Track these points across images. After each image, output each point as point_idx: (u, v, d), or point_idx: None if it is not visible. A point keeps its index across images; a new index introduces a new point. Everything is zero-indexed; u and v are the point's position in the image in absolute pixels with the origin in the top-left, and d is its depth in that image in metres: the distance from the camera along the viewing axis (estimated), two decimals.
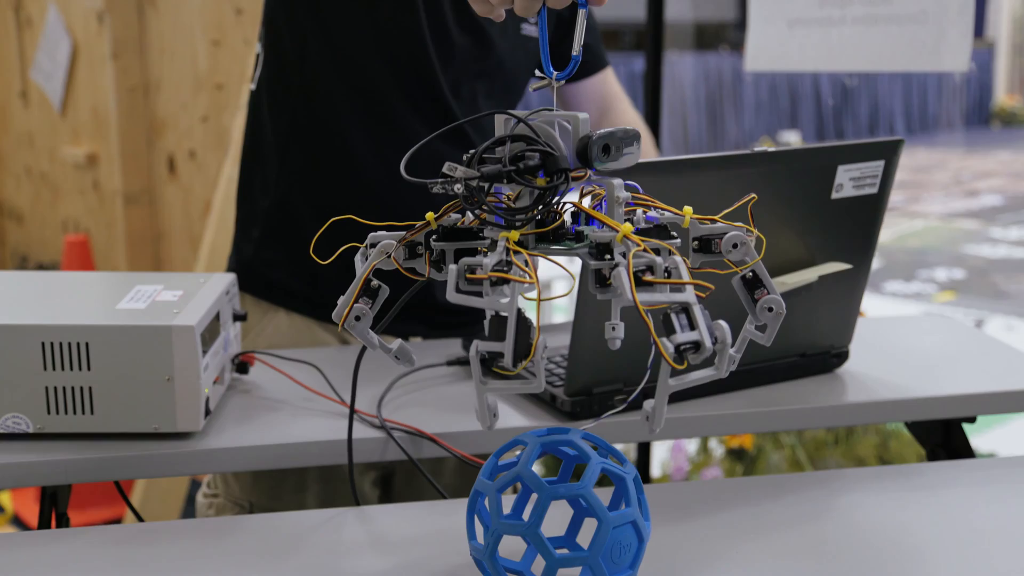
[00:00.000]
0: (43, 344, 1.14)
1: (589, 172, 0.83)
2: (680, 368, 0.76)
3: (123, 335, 1.14)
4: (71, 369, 1.14)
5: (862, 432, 2.75)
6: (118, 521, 2.94)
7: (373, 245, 0.89)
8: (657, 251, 0.82)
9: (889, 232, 8.49)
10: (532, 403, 1.27)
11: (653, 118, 2.53)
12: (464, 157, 0.82)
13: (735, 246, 0.85)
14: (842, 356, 1.39)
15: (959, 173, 11.76)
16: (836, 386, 1.34)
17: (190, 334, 1.14)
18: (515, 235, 0.81)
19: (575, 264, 0.90)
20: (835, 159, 1.25)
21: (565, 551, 0.90)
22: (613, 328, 0.76)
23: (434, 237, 0.86)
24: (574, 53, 0.87)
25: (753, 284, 0.86)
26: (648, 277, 0.77)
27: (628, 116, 1.78)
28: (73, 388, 1.15)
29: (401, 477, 1.56)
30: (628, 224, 0.80)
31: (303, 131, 1.56)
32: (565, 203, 0.85)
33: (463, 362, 1.38)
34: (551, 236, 0.84)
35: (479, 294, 0.79)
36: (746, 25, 2.29)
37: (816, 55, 2.20)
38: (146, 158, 3.84)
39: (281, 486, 1.46)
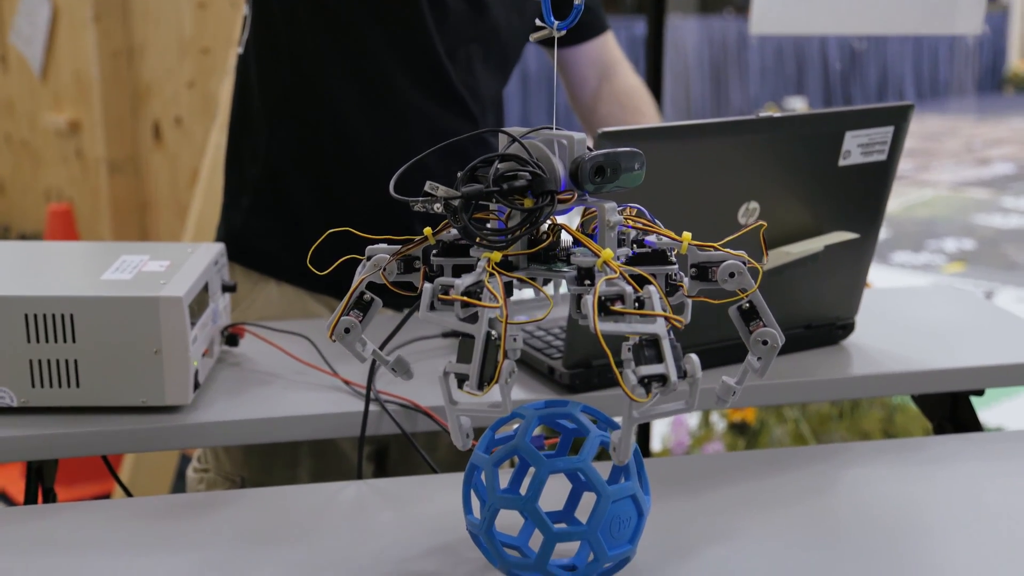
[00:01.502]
0: (26, 316, 1.14)
1: (577, 195, 0.82)
2: (641, 402, 0.76)
3: (109, 306, 1.14)
4: (56, 341, 1.14)
5: (867, 405, 2.76)
6: (107, 496, 2.95)
7: (370, 256, 0.89)
8: (653, 276, 0.82)
9: (897, 201, 8.48)
10: (530, 376, 1.27)
11: (655, 83, 2.52)
12: (459, 174, 0.82)
13: (731, 275, 0.84)
14: (848, 328, 1.39)
15: (970, 141, 11.74)
16: (841, 358, 1.34)
17: (178, 305, 1.14)
18: (496, 256, 0.81)
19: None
20: (842, 125, 1.25)
21: (563, 525, 0.91)
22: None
23: (434, 252, 0.86)
24: (577, 1, 0.85)
25: (749, 315, 0.85)
26: (617, 307, 0.77)
27: (629, 81, 1.77)
28: (58, 361, 1.15)
29: (396, 451, 1.57)
30: (608, 251, 0.79)
31: (293, 96, 1.55)
32: (560, 223, 0.84)
33: (458, 334, 1.38)
34: (543, 256, 0.83)
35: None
36: None
37: (824, 18, 2.19)
38: (131, 125, 3.82)
39: (273, 460, 1.47)
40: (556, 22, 0.86)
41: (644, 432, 2.49)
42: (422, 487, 1.08)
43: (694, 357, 0.79)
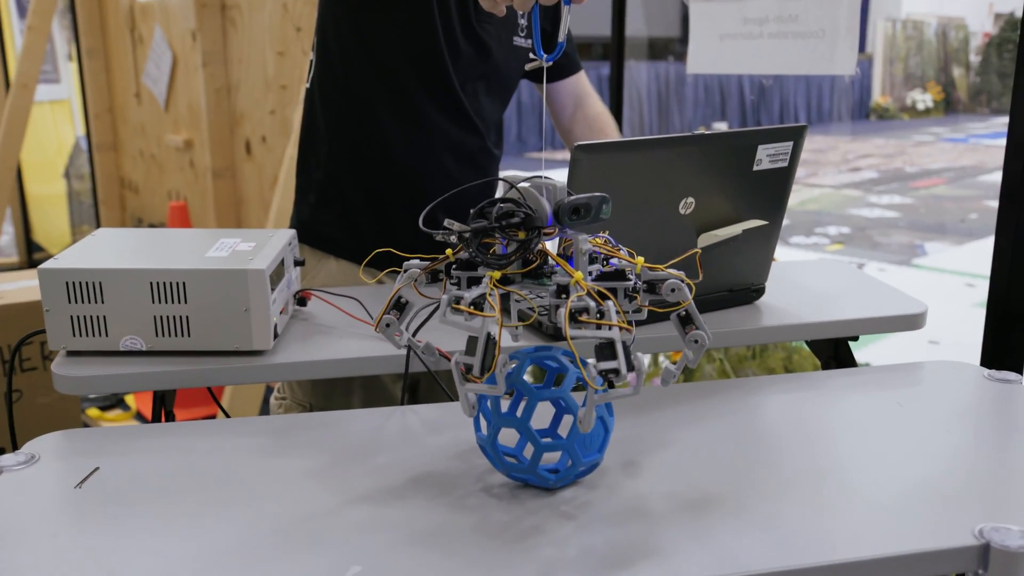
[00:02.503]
0: (151, 284, 1.13)
1: (557, 229, 0.82)
2: (599, 389, 0.78)
3: (211, 276, 1.13)
4: (173, 302, 1.13)
5: (773, 349, 2.75)
6: (212, 417, 2.95)
7: (406, 270, 0.89)
8: (614, 291, 0.83)
9: (794, 198, 8.47)
10: (523, 328, 1.26)
11: (616, 110, 2.50)
12: (471, 211, 0.83)
13: (672, 290, 0.83)
14: (760, 291, 1.38)
15: (846, 154, 11.71)
16: (754, 314, 1.33)
17: (261, 276, 1.13)
18: (496, 275, 0.81)
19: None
20: (756, 140, 1.23)
21: (548, 439, 0.90)
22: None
23: (454, 267, 0.85)
24: (560, 40, 0.85)
25: (686, 320, 0.84)
26: (583, 317, 0.77)
27: (597, 108, 1.75)
28: (174, 317, 1.14)
29: (424, 385, 1.56)
30: (579, 273, 0.80)
31: (346, 119, 1.54)
32: (546, 250, 0.83)
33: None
34: (533, 273, 0.83)
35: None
36: (688, 39, 2.26)
37: (740, 61, 2.17)
38: (229, 143, 3.80)
39: (333, 391, 1.46)
40: (544, 55, 0.86)
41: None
42: (444, 411, 1.06)
43: (640, 355, 0.79)
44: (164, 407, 1.19)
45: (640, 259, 0.84)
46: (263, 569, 0.75)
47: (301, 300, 1.32)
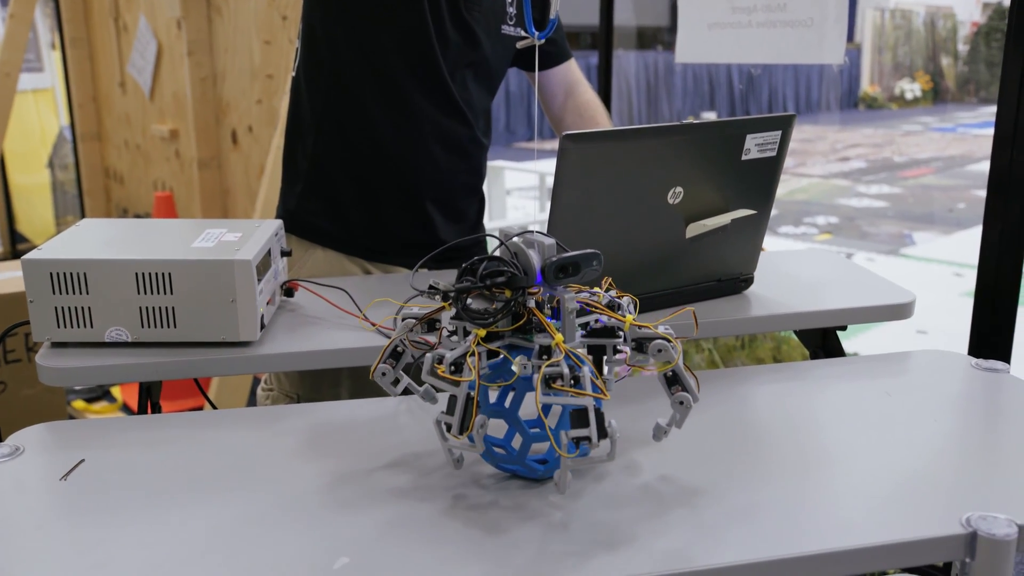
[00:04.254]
0: (137, 274, 1.12)
1: (541, 288, 0.82)
2: (569, 456, 0.78)
3: (197, 267, 1.12)
4: (158, 293, 1.13)
5: (761, 339, 2.76)
6: (199, 409, 2.94)
7: (404, 319, 0.90)
8: (603, 347, 0.83)
9: (783, 188, 8.47)
10: None
11: (605, 100, 2.50)
12: (462, 266, 0.83)
13: (659, 351, 0.83)
14: (748, 281, 1.38)
15: (834, 144, 11.73)
16: (743, 303, 1.33)
17: (248, 266, 1.12)
18: (482, 332, 0.81)
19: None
20: (744, 129, 1.23)
21: (537, 430, 0.90)
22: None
23: (451, 316, 0.85)
24: (551, 17, 0.84)
25: (672, 380, 0.84)
26: (556, 384, 0.77)
27: (588, 96, 1.75)
28: (160, 308, 1.13)
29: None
30: (560, 335, 0.80)
31: (333, 107, 1.53)
32: (531, 308, 0.83)
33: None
34: (524, 328, 0.83)
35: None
36: (676, 28, 2.25)
37: (729, 50, 2.17)
38: (215, 132, 3.78)
39: (321, 382, 1.46)
40: (536, 33, 0.85)
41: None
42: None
43: (614, 422, 0.79)
44: (150, 399, 1.19)
45: (629, 317, 0.84)
46: (251, 560, 0.75)
47: (288, 291, 1.32)
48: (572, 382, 0.77)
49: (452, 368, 0.80)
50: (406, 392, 0.94)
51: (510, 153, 9.83)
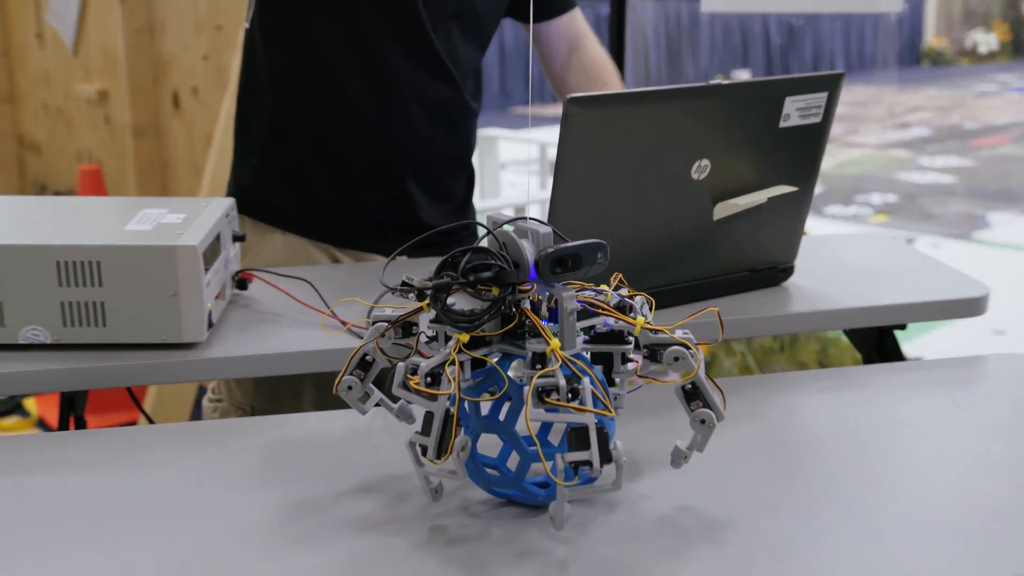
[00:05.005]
0: (58, 263, 1.12)
1: (535, 285, 0.81)
2: (568, 485, 0.77)
3: (131, 254, 1.12)
4: (84, 285, 1.13)
5: (804, 340, 2.76)
6: (132, 424, 2.94)
7: (374, 322, 0.89)
8: (610, 356, 0.83)
9: (830, 160, 8.50)
10: None
11: (618, 57, 2.50)
12: (440, 262, 0.82)
13: (676, 359, 0.83)
14: (788, 271, 1.38)
15: (892, 107, 11.74)
16: (782, 298, 1.34)
17: (193, 253, 1.13)
18: (465, 337, 0.81)
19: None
20: (783, 91, 1.24)
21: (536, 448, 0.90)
22: None
23: (431, 319, 0.85)
24: None
25: (692, 395, 0.83)
26: (551, 398, 0.77)
27: (595, 53, 1.75)
28: (86, 303, 1.13)
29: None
30: (556, 340, 0.79)
31: (294, 64, 1.53)
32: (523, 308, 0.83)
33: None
34: (514, 332, 0.83)
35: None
36: None
37: None
38: (153, 94, 3.78)
39: (280, 391, 1.46)
40: None
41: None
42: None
43: (619, 444, 0.79)
44: (73, 412, 1.19)
45: (640, 320, 0.84)
46: None
47: (241, 282, 1.32)
48: (570, 396, 0.77)
49: (428, 380, 0.80)
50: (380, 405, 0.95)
51: (505, 120, 9.83)
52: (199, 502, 0.89)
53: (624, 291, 0.88)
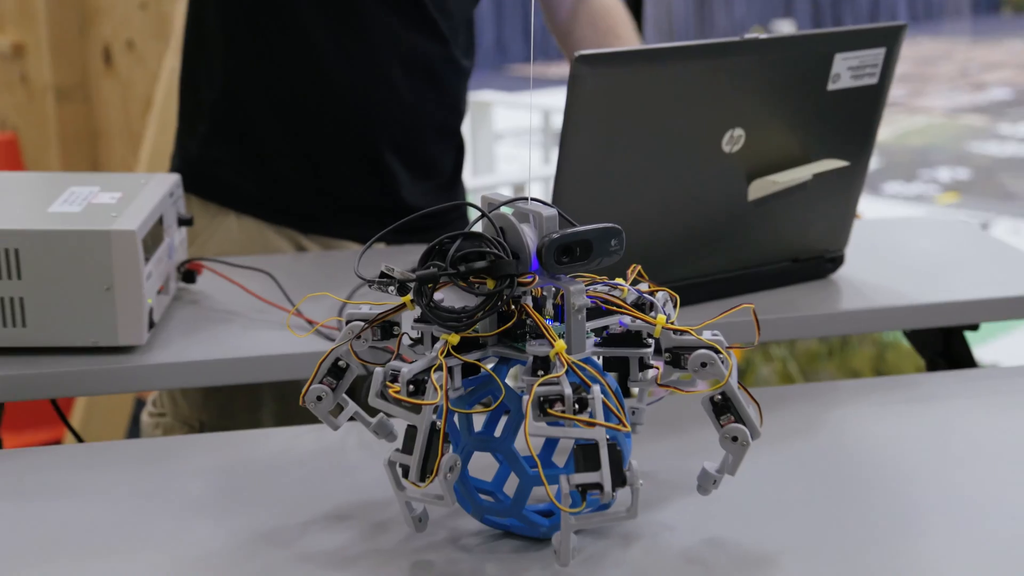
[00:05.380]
0: None
1: (537, 278, 0.82)
2: (574, 512, 0.78)
3: (56, 241, 1.13)
4: (0, 278, 1.13)
5: (857, 343, 2.77)
6: (57, 443, 2.94)
7: (348, 321, 0.89)
8: (626, 361, 0.84)
9: (889, 129, 8.49)
10: None
11: (635, 6, 2.50)
12: (425, 250, 0.82)
13: (703, 365, 0.83)
14: (837, 261, 1.39)
15: (966, 65, 11.73)
16: (830, 292, 1.34)
17: (131, 239, 1.13)
18: (454, 339, 0.81)
19: None
20: (832, 46, 1.24)
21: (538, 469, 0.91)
22: None
23: (415, 319, 0.86)
24: None
25: (722, 408, 0.84)
26: (554, 410, 0.77)
27: (607, 1, 1.75)
28: (3, 299, 1.14)
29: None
30: (561, 342, 0.80)
31: (251, 15, 1.53)
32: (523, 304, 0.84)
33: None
34: (513, 334, 0.83)
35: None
36: None
37: None
38: (79, 49, 3.77)
39: (234, 404, 1.47)
40: None
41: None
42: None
43: (635, 463, 0.79)
44: None
45: (661, 318, 0.85)
46: None
47: (188, 274, 1.33)
48: (577, 407, 0.78)
49: (410, 388, 0.80)
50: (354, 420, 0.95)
51: (501, 81, 9.82)
52: (138, 536, 0.89)
53: (644, 286, 0.89)
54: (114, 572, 0.84)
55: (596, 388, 0.78)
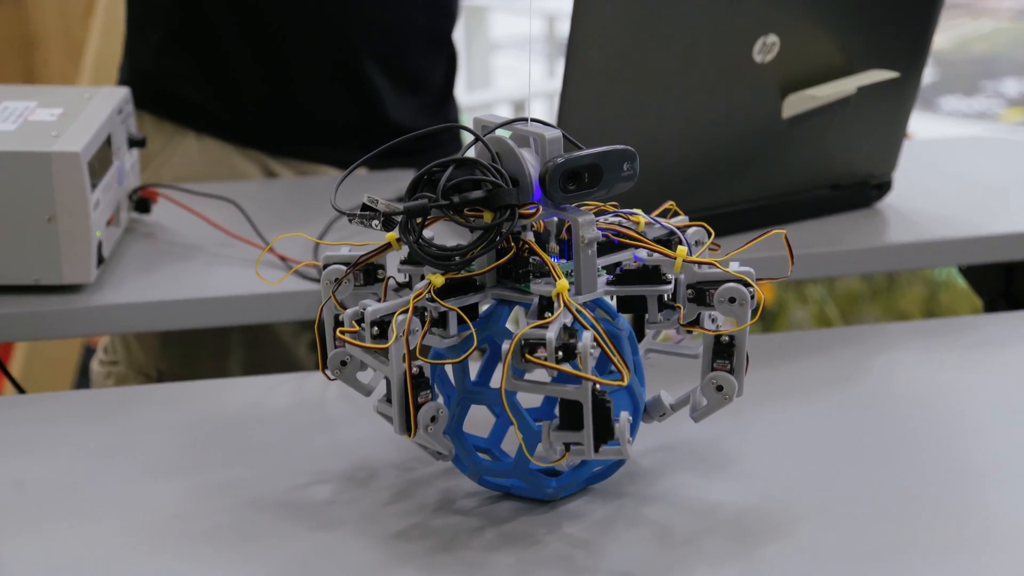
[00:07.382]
0: None
1: (540, 208, 0.82)
2: (553, 465, 0.80)
3: None
4: None
5: (906, 281, 2.77)
6: None
7: (325, 265, 0.89)
8: (642, 300, 0.85)
9: (947, 35, 8.42)
10: None
11: None
12: (412, 179, 0.82)
13: (731, 300, 0.83)
14: (883, 187, 1.39)
15: None
16: (875, 224, 1.34)
17: (75, 162, 1.13)
18: (439, 280, 0.81)
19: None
20: None
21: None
22: None
23: (402, 260, 0.86)
24: None
25: (721, 351, 0.84)
26: (534, 356, 0.77)
27: None
28: None
29: None
30: (563, 282, 0.79)
31: None
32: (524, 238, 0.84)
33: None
34: (513, 273, 0.84)
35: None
36: None
37: None
38: None
39: (196, 350, 1.47)
40: None
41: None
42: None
43: (625, 413, 0.79)
44: None
45: (682, 250, 0.85)
46: None
47: (142, 203, 1.33)
48: (560, 355, 0.78)
49: (375, 331, 0.80)
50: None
51: None
52: (88, 499, 0.90)
53: (681, 219, 0.89)
54: (62, 540, 0.85)
55: (587, 335, 0.77)
